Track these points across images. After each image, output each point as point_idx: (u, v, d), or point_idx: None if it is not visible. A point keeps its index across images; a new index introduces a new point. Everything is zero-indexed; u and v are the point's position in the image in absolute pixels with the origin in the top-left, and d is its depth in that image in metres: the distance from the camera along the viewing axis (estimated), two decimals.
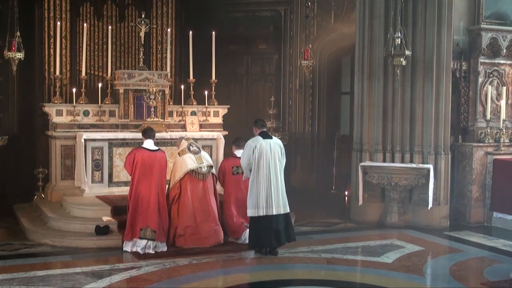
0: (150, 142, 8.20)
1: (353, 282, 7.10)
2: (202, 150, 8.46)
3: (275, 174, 7.73)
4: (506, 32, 10.08)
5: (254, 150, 7.71)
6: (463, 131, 10.28)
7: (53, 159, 10.16)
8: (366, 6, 9.87)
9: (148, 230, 7.79)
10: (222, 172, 8.60)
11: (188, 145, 8.34)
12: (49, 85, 11.65)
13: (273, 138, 7.99)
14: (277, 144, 7.88)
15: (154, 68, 12.52)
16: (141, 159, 7.94)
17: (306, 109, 13.23)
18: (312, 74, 12.64)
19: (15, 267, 7.10)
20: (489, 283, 6.80)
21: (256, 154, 7.70)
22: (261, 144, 7.73)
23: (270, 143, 7.80)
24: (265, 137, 7.84)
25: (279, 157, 7.84)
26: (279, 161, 7.83)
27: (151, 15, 12.50)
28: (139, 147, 8.19)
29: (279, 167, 7.82)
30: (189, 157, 8.19)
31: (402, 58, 8.92)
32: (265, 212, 7.67)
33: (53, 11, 11.91)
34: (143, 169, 7.92)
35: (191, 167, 8.12)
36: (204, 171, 8.18)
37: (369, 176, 9.75)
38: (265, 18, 13.78)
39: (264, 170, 7.70)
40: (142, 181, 7.92)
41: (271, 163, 7.72)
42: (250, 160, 7.74)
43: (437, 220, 9.72)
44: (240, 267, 7.48)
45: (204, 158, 8.28)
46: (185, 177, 8.11)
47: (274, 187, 7.70)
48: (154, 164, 7.98)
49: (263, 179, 7.69)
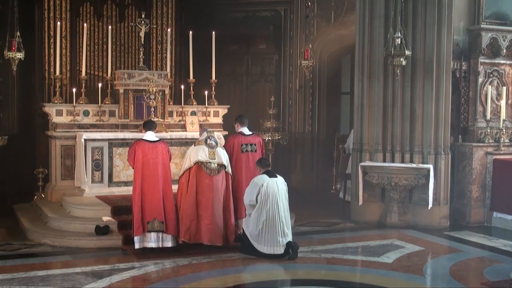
0: (151, 134, 8.17)
1: (353, 282, 7.10)
2: (220, 147, 8.23)
3: (282, 212, 7.69)
4: (506, 32, 10.08)
5: (261, 189, 7.65)
6: (463, 131, 10.28)
7: (53, 159, 10.16)
8: (366, 6, 9.87)
9: (156, 222, 7.77)
10: (230, 149, 8.45)
11: (206, 137, 8.15)
12: (49, 85, 11.65)
13: (277, 177, 7.91)
14: (283, 183, 7.88)
15: (154, 68, 12.52)
16: (142, 151, 7.91)
17: (306, 109, 13.23)
18: (312, 74, 12.64)
19: (15, 267, 7.10)
20: (489, 283, 6.80)
21: (262, 192, 7.65)
22: (268, 183, 7.69)
23: (277, 181, 7.79)
24: (271, 176, 7.82)
25: (286, 196, 7.84)
26: (286, 200, 7.82)
27: (151, 15, 12.50)
28: (140, 140, 8.13)
29: (286, 205, 7.80)
30: (202, 149, 8.04)
31: (402, 58, 8.91)
32: (258, 248, 7.66)
33: (53, 11, 11.91)
34: (145, 161, 7.88)
35: (200, 159, 7.97)
36: (213, 167, 8.00)
37: (369, 176, 9.75)
38: (265, 18, 13.77)
39: (271, 208, 7.63)
40: (145, 173, 7.87)
41: (279, 202, 7.68)
42: (253, 197, 7.69)
43: (437, 220, 9.72)
44: (240, 267, 7.47)
45: (218, 155, 8.06)
46: (194, 167, 7.97)
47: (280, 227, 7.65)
48: (156, 155, 7.94)
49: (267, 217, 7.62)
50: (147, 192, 7.82)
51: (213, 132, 8.35)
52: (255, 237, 7.67)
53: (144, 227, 7.74)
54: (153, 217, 7.79)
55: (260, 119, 11.44)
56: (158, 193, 7.85)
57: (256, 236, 7.65)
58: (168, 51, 11.79)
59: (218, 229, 7.97)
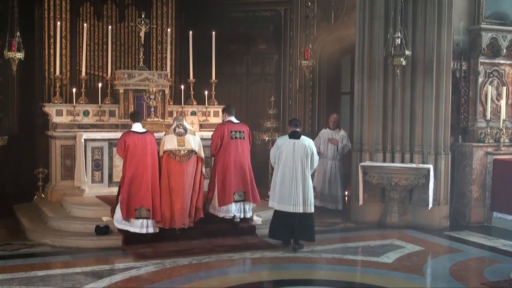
0: (138, 125, 8.46)
1: (353, 282, 7.10)
2: (190, 133, 8.55)
3: (294, 173, 7.98)
4: (506, 32, 10.08)
5: (279, 148, 8.12)
6: (463, 131, 10.28)
7: (53, 159, 10.16)
8: (366, 6, 9.87)
9: (142, 209, 8.06)
10: (219, 136, 8.77)
11: (175, 126, 8.54)
12: (49, 85, 11.64)
13: (300, 138, 8.16)
14: (302, 145, 8.08)
15: (154, 68, 12.52)
16: (132, 142, 8.20)
17: (306, 109, 13.22)
18: (312, 74, 12.62)
19: (15, 267, 7.10)
20: (489, 283, 6.80)
21: (278, 152, 8.12)
22: (284, 143, 8.11)
23: (295, 142, 8.06)
24: (292, 137, 8.14)
25: (302, 157, 8.03)
26: (301, 161, 8.00)
27: (151, 15, 12.50)
28: (129, 131, 8.41)
29: (301, 166, 8.01)
30: (170, 138, 8.43)
31: (402, 58, 8.92)
32: (279, 207, 8.07)
33: (53, 11, 11.90)
34: (134, 151, 8.17)
35: (169, 148, 8.36)
36: (182, 153, 8.38)
37: (369, 176, 9.75)
38: (265, 18, 13.76)
39: (284, 168, 8.04)
40: (134, 163, 8.15)
41: (291, 162, 8.00)
42: (274, 157, 8.21)
43: (437, 220, 9.72)
44: (240, 267, 7.48)
45: (187, 141, 8.42)
46: (164, 156, 8.37)
47: (292, 185, 7.98)
48: (145, 146, 8.23)
49: (282, 176, 8.04)
50: (136, 181, 8.11)
51: (182, 120, 8.66)
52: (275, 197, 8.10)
53: (130, 214, 8.02)
54: (141, 205, 8.08)
55: (260, 119, 11.43)
56: (146, 182, 8.14)
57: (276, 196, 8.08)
58: (168, 51, 11.79)
59: (187, 212, 8.32)
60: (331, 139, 11.04)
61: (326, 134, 11.20)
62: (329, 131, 11.19)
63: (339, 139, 11.01)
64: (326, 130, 11.27)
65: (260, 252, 7.99)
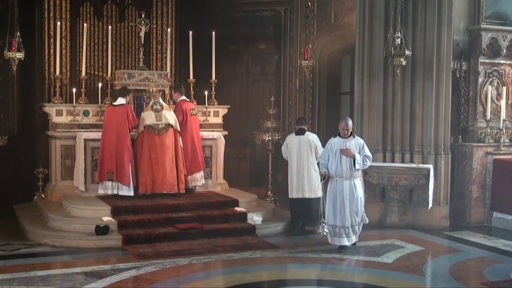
0: (120, 99, 9.62)
1: (353, 282, 7.11)
2: (166, 109, 9.71)
3: (301, 164, 9.14)
4: (506, 32, 10.08)
5: (288, 145, 9.32)
6: (463, 131, 10.28)
7: (53, 159, 10.16)
8: (366, 6, 9.87)
9: (109, 172, 9.42)
10: (183, 112, 9.94)
11: (152, 103, 9.72)
12: (49, 85, 11.65)
13: (305, 134, 9.28)
14: (306, 140, 9.20)
15: (154, 68, 12.53)
16: (107, 114, 9.60)
17: (306, 109, 13.21)
18: (312, 74, 12.61)
19: (15, 267, 7.10)
20: (489, 283, 6.80)
21: (288, 148, 9.31)
22: (291, 140, 9.32)
23: (300, 139, 9.21)
24: (297, 134, 9.31)
25: (308, 151, 9.15)
26: (306, 154, 9.13)
27: (151, 15, 12.50)
28: (109, 105, 9.75)
29: (307, 159, 9.13)
30: (149, 114, 9.63)
31: (402, 58, 8.92)
32: (293, 195, 9.23)
33: (53, 11, 11.91)
34: (107, 122, 9.53)
35: (148, 123, 9.58)
36: (160, 127, 9.61)
37: (369, 176, 9.74)
38: (265, 18, 13.75)
39: (293, 161, 9.23)
40: (105, 132, 9.48)
41: (298, 156, 9.17)
42: (285, 153, 9.41)
43: (437, 220, 9.73)
44: (240, 267, 7.47)
45: (164, 116, 9.62)
46: (144, 131, 9.59)
47: (301, 175, 9.15)
48: (116, 117, 9.44)
49: (292, 168, 9.23)
50: (106, 148, 9.44)
51: (158, 98, 9.85)
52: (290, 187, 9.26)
53: (103, 177, 9.44)
54: (109, 168, 9.41)
55: (260, 119, 11.43)
56: (113, 149, 9.41)
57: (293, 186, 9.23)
58: (168, 51, 11.78)
59: (171, 180, 9.59)
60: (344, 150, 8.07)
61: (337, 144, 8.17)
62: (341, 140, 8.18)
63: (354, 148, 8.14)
64: (336, 139, 8.24)
65: (260, 252, 8.00)
